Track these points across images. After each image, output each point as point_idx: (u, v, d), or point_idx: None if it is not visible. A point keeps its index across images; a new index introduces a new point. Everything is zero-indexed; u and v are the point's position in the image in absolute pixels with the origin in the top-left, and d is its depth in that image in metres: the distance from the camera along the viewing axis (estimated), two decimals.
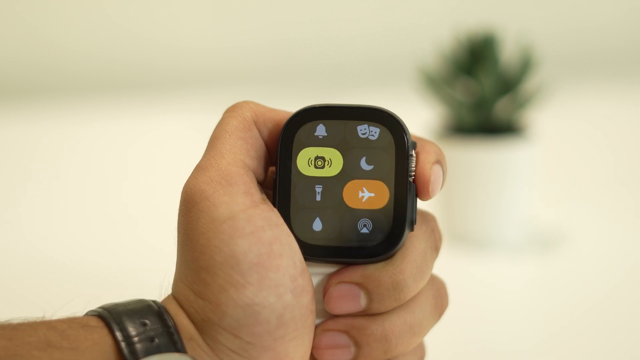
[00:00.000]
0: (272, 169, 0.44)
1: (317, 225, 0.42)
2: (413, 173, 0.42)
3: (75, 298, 0.45)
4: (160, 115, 1.50)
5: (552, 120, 1.12)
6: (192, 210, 0.40)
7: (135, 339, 0.38)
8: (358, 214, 0.42)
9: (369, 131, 0.42)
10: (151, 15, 1.70)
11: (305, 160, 0.42)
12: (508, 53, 0.93)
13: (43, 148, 1.35)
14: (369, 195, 0.42)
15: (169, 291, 0.42)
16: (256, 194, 0.41)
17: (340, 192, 0.42)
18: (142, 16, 1.70)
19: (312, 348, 0.42)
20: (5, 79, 1.65)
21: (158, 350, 0.38)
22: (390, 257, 0.42)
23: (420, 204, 0.44)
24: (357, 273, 0.42)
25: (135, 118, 1.48)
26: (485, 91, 0.89)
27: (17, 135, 1.40)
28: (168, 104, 1.56)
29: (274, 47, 1.72)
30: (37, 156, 1.32)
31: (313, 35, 1.73)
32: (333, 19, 1.74)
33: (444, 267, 0.50)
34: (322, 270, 0.43)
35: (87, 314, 0.40)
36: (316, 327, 0.42)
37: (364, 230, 0.42)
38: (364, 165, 0.42)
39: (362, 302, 0.42)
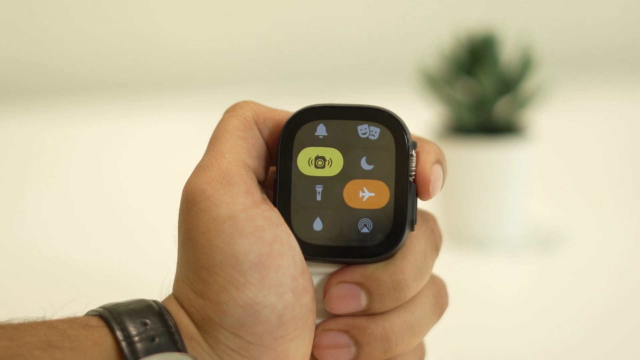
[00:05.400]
0: (272, 168, 0.44)
1: (318, 225, 0.42)
2: (413, 173, 0.42)
3: (75, 298, 0.45)
4: (161, 115, 1.50)
5: (552, 120, 1.12)
6: (192, 210, 0.40)
7: (136, 338, 0.38)
8: (358, 213, 0.42)
9: (370, 131, 0.42)
10: (151, 16, 1.70)
11: (305, 160, 0.42)
12: (508, 53, 0.93)
13: (43, 148, 1.35)
14: (369, 195, 0.42)
15: (170, 291, 0.42)
16: (257, 193, 0.41)
17: (341, 191, 0.42)
18: (142, 17, 1.70)
19: (313, 348, 0.42)
20: (0, 79, 1.65)
21: (159, 350, 0.38)
22: (391, 257, 0.42)
23: (420, 204, 0.44)
24: (358, 273, 0.42)
25: (136, 118, 1.48)
26: (485, 91, 0.90)
27: (17, 135, 1.40)
28: (168, 104, 1.56)
29: (274, 47, 1.72)
30: (37, 156, 1.32)
31: (313, 36, 1.73)
32: (333, 19, 1.74)
33: (444, 266, 0.50)
34: (322, 270, 0.43)
35: (87, 314, 0.40)
36: (317, 326, 0.42)
37: (365, 230, 0.42)
38: (365, 165, 0.42)
39: (363, 301, 0.42)
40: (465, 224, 0.91)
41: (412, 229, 0.42)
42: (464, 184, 0.90)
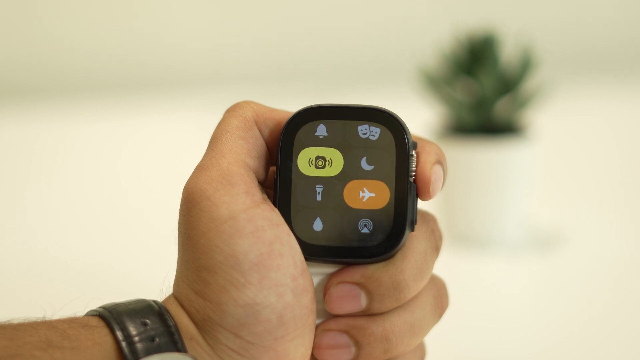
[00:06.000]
0: (272, 168, 0.44)
1: (318, 225, 0.42)
2: (413, 173, 0.42)
3: (75, 298, 0.45)
4: (161, 115, 1.50)
5: (552, 120, 1.12)
6: (193, 210, 0.40)
7: (136, 338, 0.38)
8: (358, 214, 0.42)
9: (370, 131, 0.42)
10: (151, 16, 1.70)
11: (305, 160, 0.42)
12: (508, 53, 0.93)
13: (43, 148, 1.35)
14: (369, 195, 0.42)
15: (170, 291, 0.42)
16: (257, 193, 0.41)
17: (341, 192, 0.42)
18: (142, 17, 1.70)
19: (313, 348, 0.42)
20: (1, 79, 1.65)
21: (158, 350, 0.38)
22: (391, 257, 0.42)
23: (420, 204, 0.44)
24: (358, 273, 0.42)
25: (136, 118, 1.48)
26: (485, 91, 0.90)
27: (17, 135, 1.40)
28: (168, 104, 1.56)
29: (274, 47, 1.72)
30: (37, 156, 1.32)
31: (313, 35, 1.73)
32: (333, 19, 1.74)
33: (444, 267, 0.50)
34: (322, 270, 0.43)
35: (87, 314, 0.40)
36: (317, 327, 0.42)
37: (365, 230, 0.42)
38: (365, 165, 0.42)
39: (363, 302, 0.42)
40: (466, 224, 0.91)
41: (413, 230, 0.42)
42: (464, 184, 0.90)
